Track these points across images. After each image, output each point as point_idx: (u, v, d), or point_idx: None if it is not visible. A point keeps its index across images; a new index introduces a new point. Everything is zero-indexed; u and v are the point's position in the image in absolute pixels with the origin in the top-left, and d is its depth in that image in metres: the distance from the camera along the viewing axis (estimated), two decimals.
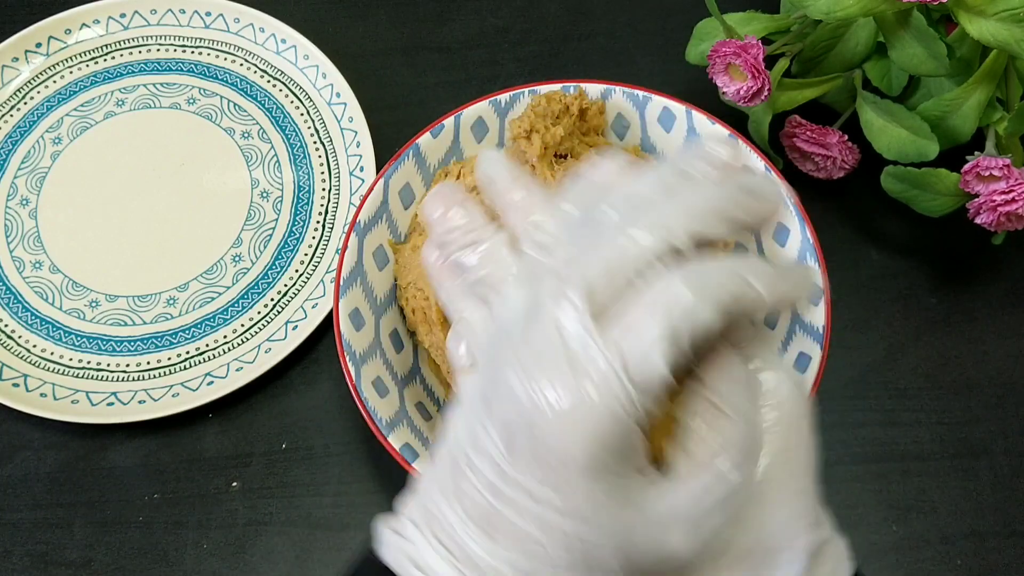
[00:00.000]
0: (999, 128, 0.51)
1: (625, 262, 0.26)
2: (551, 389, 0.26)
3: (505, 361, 0.27)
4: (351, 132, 0.60)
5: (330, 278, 0.56)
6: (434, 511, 0.29)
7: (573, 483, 0.26)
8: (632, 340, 0.25)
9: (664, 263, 0.26)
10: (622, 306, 0.26)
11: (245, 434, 0.53)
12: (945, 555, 0.50)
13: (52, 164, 0.61)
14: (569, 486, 0.26)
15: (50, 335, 0.56)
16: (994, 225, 0.50)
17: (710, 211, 0.27)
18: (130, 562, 0.50)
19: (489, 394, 0.27)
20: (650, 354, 0.25)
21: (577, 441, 0.25)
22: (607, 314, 0.26)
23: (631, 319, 0.26)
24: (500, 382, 0.27)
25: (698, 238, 0.27)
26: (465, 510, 0.28)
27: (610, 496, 0.26)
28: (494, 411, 0.27)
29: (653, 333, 0.25)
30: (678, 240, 0.26)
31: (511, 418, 0.26)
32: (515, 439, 0.26)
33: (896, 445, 0.52)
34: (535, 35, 0.66)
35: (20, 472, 0.53)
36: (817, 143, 0.55)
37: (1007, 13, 0.46)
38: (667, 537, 0.27)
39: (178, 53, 0.65)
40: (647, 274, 0.26)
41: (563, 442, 0.25)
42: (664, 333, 0.25)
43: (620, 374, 0.25)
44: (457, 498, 0.28)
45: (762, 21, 0.55)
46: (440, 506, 0.28)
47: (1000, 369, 0.54)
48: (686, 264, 0.26)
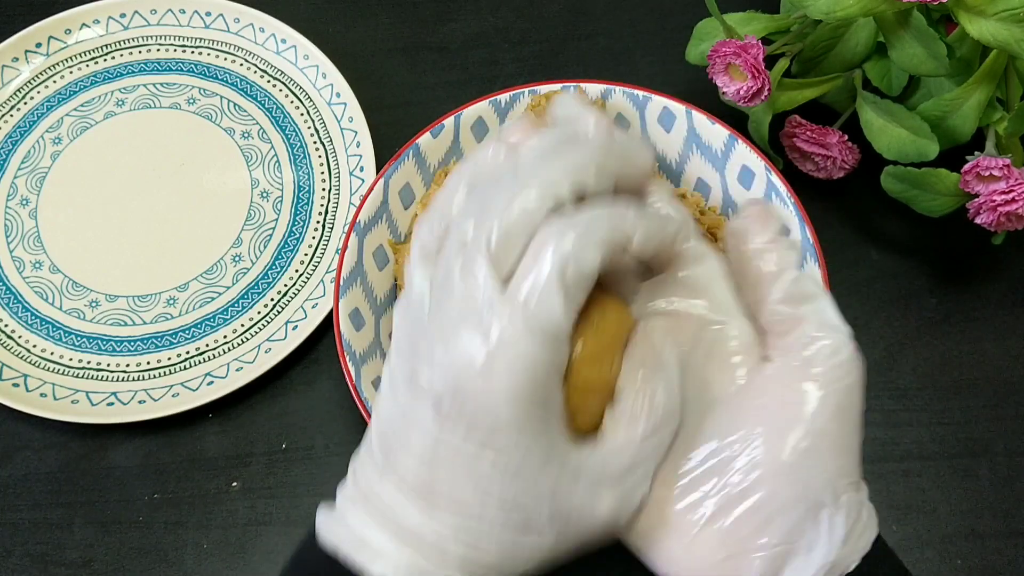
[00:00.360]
0: (999, 128, 0.51)
1: (520, 222, 0.28)
2: (467, 347, 0.27)
3: (423, 335, 0.29)
4: (351, 132, 0.60)
5: (330, 278, 0.56)
6: (371, 490, 0.30)
7: (502, 434, 0.27)
8: (528, 289, 0.27)
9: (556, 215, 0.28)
10: (521, 263, 0.28)
11: (245, 434, 0.53)
12: (945, 555, 0.50)
13: (52, 164, 0.61)
14: (498, 438, 0.28)
15: (50, 335, 0.56)
16: (994, 225, 0.50)
17: (587, 166, 0.29)
18: (130, 562, 0.50)
19: (414, 366, 0.29)
20: (545, 299, 0.27)
21: (497, 390, 0.27)
22: (512, 274, 0.28)
23: (525, 274, 0.27)
24: (419, 355, 0.29)
25: (579, 191, 0.29)
26: (403, 484, 0.29)
27: (539, 448, 0.28)
28: (421, 382, 0.29)
29: (543, 278, 0.27)
30: (557, 196, 0.28)
31: (436, 385, 0.28)
32: (442, 403, 0.28)
33: (896, 445, 0.52)
34: (535, 35, 0.66)
35: (20, 472, 0.53)
36: (817, 143, 0.55)
37: (1007, 13, 0.46)
38: (596, 499, 0.29)
39: (178, 53, 0.65)
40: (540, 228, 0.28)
41: (485, 397, 0.27)
42: (553, 276, 0.27)
43: (523, 323, 0.27)
44: (392, 476, 0.29)
45: (762, 21, 0.55)
46: (376, 484, 0.30)
47: (1000, 369, 0.54)
48: (566, 214, 0.28)
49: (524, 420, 0.27)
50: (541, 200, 0.28)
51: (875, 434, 0.53)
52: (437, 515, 0.29)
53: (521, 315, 0.27)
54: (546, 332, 0.27)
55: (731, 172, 0.51)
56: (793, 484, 0.29)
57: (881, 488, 0.52)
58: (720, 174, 0.51)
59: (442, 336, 0.28)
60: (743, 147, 0.50)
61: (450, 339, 0.28)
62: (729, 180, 0.51)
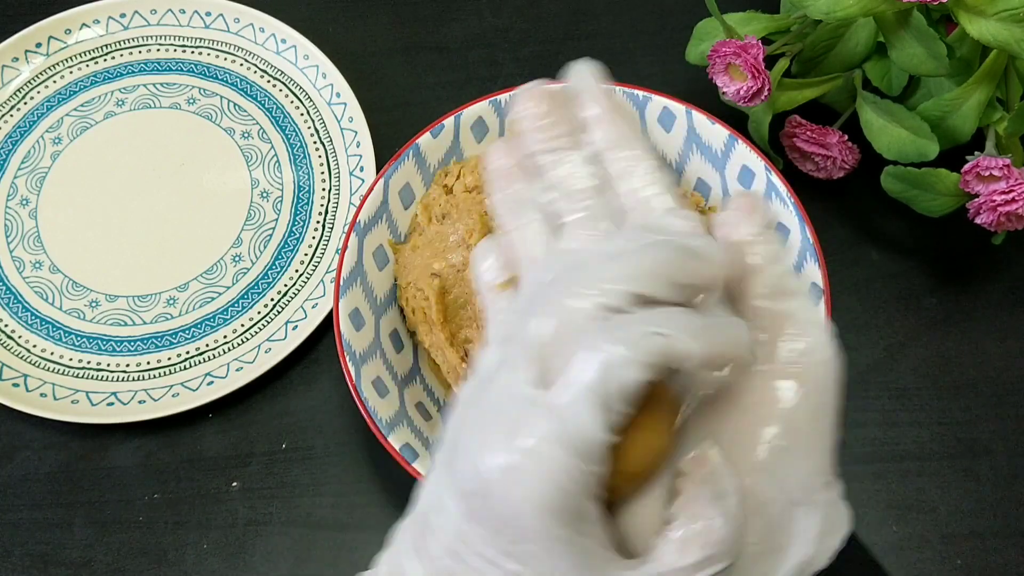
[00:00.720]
0: (999, 128, 0.51)
1: (566, 325, 0.26)
2: (498, 448, 0.25)
3: (465, 422, 0.27)
4: (351, 132, 0.60)
5: (330, 278, 0.56)
6: (403, 568, 0.29)
7: (529, 551, 0.26)
8: (565, 400, 0.25)
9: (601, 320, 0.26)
10: (563, 369, 0.26)
11: (245, 434, 0.53)
12: (945, 555, 0.50)
13: (52, 164, 0.61)
14: (528, 556, 0.26)
15: (50, 335, 0.56)
16: (994, 225, 0.50)
17: (648, 273, 0.27)
18: (130, 562, 0.50)
19: (451, 456, 0.28)
20: (581, 413, 0.25)
21: (524, 500, 0.25)
22: (551, 379, 0.26)
23: (564, 382, 0.26)
24: (459, 445, 0.27)
25: (639, 300, 0.26)
26: (430, 570, 0.28)
27: (568, 563, 0.26)
28: (455, 474, 0.27)
29: (581, 392, 0.25)
30: (615, 301, 0.26)
31: (468, 484, 0.26)
32: (472, 504, 0.27)
33: (896, 445, 0.52)
34: (535, 35, 0.66)
35: (20, 472, 0.53)
36: (817, 143, 0.55)
37: (1007, 13, 0.46)
38: None
39: (178, 53, 0.65)
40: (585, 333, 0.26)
41: (511, 505, 0.25)
42: (589, 395, 0.25)
43: (556, 436, 0.25)
44: (423, 556, 0.28)
45: (762, 21, 0.55)
46: (408, 564, 0.29)
47: (1000, 369, 0.54)
48: (616, 321, 0.26)
49: (552, 533, 0.26)
50: (596, 306, 0.26)
51: (875, 434, 0.53)
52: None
53: (555, 426, 0.25)
54: (579, 447, 0.25)
55: (731, 172, 0.51)
56: (769, 483, 0.29)
57: (881, 488, 0.52)
58: (720, 174, 0.51)
59: (477, 430, 0.26)
60: (743, 147, 0.50)
61: (484, 436, 0.26)
62: (729, 180, 0.51)
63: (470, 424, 0.27)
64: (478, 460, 0.26)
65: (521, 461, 0.25)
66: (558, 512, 0.25)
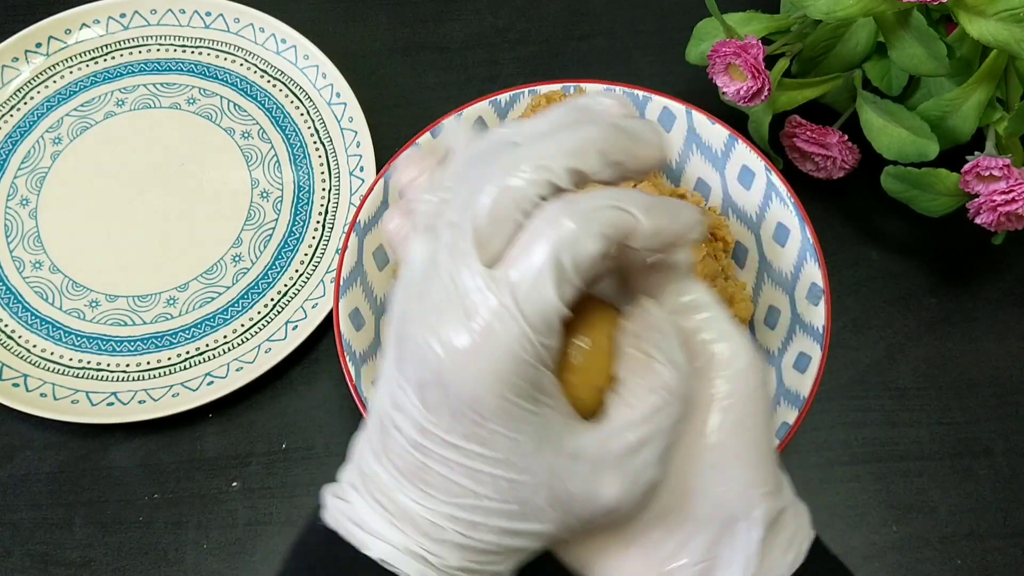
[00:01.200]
0: (999, 128, 0.51)
1: (508, 203, 0.26)
2: (449, 337, 0.26)
3: (409, 318, 0.27)
4: (351, 132, 0.60)
5: (330, 278, 0.56)
6: (368, 472, 0.29)
7: (491, 429, 0.26)
8: (519, 275, 0.26)
9: (546, 199, 0.26)
10: (512, 246, 0.26)
11: (245, 434, 0.53)
12: (945, 555, 0.50)
13: (52, 164, 0.61)
14: (488, 433, 0.26)
15: (50, 335, 0.56)
16: (994, 225, 0.50)
17: (588, 149, 0.27)
18: (130, 562, 0.50)
19: (400, 352, 0.28)
20: (538, 286, 0.25)
21: (481, 383, 0.26)
22: (499, 256, 0.26)
23: (516, 256, 0.26)
24: (407, 338, 0.27)
25: (577, 175, 0.27)
26: (396, 468, 0.28)
27: (532, 438, 0.27)
28: (406, 368, 0.27)
29: (538, 265, 0.25)
30: (556, 177, 0.26)
31: (421, 373, 0.27)
32: (427, 393, 0.27)
33: (896, 445, 0.52)
34: (535, 35, 0.66)
35: (20, 472, 0.53)
36: (817, 143, 0.55)
37: (1007, 13, 0.46)
38: (599, 482, 0.27)
39: (178, 53, 0.65)
40: (531, 212, 0.26)
41: (468, 386, 0.26)
42: (548, 263, 0.25)
43: (512, 310, 0.25)
44: (388, 458, 0.28)
45: (762, 21, 0.55)
46: (373, 467, 0.29)
47: (1000, 369, 0.54)
48: (568, 198, 0.26)
49: (510, 408, 0.26)
50: (533, 180, 0.26)
51: (875, 434, 0.53)
52: (431, 502, 0.28)
53: (509, 302, 0.25)
54: (534, 319, 0.25)
55: (731, 172, 0.51)
56: (703, 502, 0.29)
57: (881, 488, 0.52)
58: (720, 174, 0.51)
59: (425, 320, 0.27)
60: (743, 147, 0.50)
61: (434, 323, 0.26)
62: (729, 180, 0.51)
63: (417, 316, 0.27)
64: (432, 346, 0.26)
65: (476, 340, 0.25)
66: (515, 385, 0.26)
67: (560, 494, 0.27)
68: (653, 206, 0.27)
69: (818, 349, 0.45)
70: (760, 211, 0.50)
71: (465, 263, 0.26)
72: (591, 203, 0.26)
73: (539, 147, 0.27)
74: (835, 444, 0.53)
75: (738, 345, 0.30)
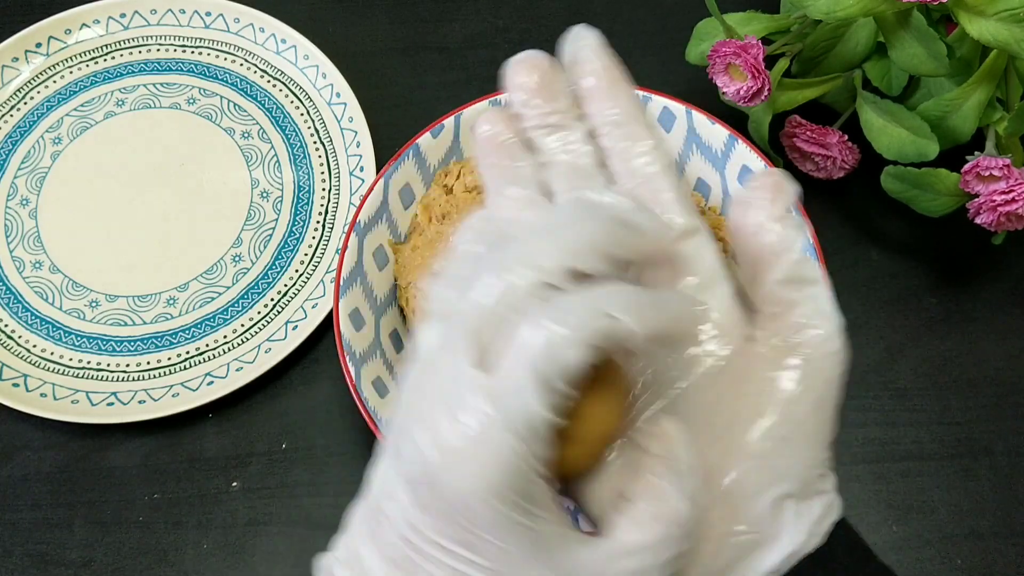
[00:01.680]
0: (999, 128, 0.51)
1: (501, 304, 0.26)
2: (441, 438, 0.25)
3: (408, 409, 0.27)
4: (351, 132, 0.60)
5: (330, 278, 0.56)
6: (359, 553, 0.28)
7: (480, 537, 0.25)
8: (503, 384, 0.25)
9: (539, 298, 0.26)
10: (503, 348, 0.25)
11: (245, 434, 0.53)
12: (945, 555, 0.50)
13: (52, 164, 0.61)
14: (477, 540, 0.26)
15: (50, 335, 0.56)
16: (994, 225, 0.50)
17: (581, 247, 0.26)
18: (130, 562, 0.50)
19: (397, 444, 0.27)
20: (522, 396, 0.24)
21: (471, 490, 0.25)
22: (495, 354, 0.25)
23: (504, 364, 0.25)
24: (404, 431, 0.26)
25: (574, 274, 0.26)
26: (386, 557, 0.27)
27: (523, 550, 0.26)
28: (401, 462, 0.27)
29: (521, 374, 0.24)
30: (551, 277, 0.26)
31: (413, 470, 0.26)
32: (419, 492, 0.26)
33: (896, 445, 0.52)
34: (535, 35, 0.66)
35: (20, 472, 0.53)
36: (817, 143, 0.55)
37: (1007, 13, 0.46)
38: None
39: (178, 53, 0.65)
40: (524, 312, 0.25)
41: (458, 493, 0.25)
42: (531, 373, 0.24)
43: (497, 419, 0.24)
44: (378, 543, 0.28)
45: (762, 21, 0.55)
46: (363, 550, 0.28)
47: (1000, 369, 0.54)
48: (554, 300, 0.25)
49: (501, 518, 0.25)
50: (530, 283, 0.25)
51: (875, 434, 0.53)
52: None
53: (497, 409, 0.24)
54: (522, 429, 0.24)
55: (731, 172, 0.51)
56: (761, 472, 0.29)
57: (881, 488, 0.52)
58: (720, 174, 0.51)
59: (420, 416, 0.26)
60: (743, 147, 0.50)
61: (427, 420, 0.25)
62: (729, 180, 0.51)
63: (414, 409, 0.26)
64: (422, 447, 0.25)
65: (464, 446, 0.25)
66: (505, 496, 0.25)
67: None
68: (645, 307, 0.26)
69: None
70: None
71: (458, 362, 0.25)
72: (580, 307, 0.25)
73: (537, 244, 0.26)
74: (835, 444, 0.52)
75: (834, 329, 0.30)
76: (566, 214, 0.27)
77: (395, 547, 0.27)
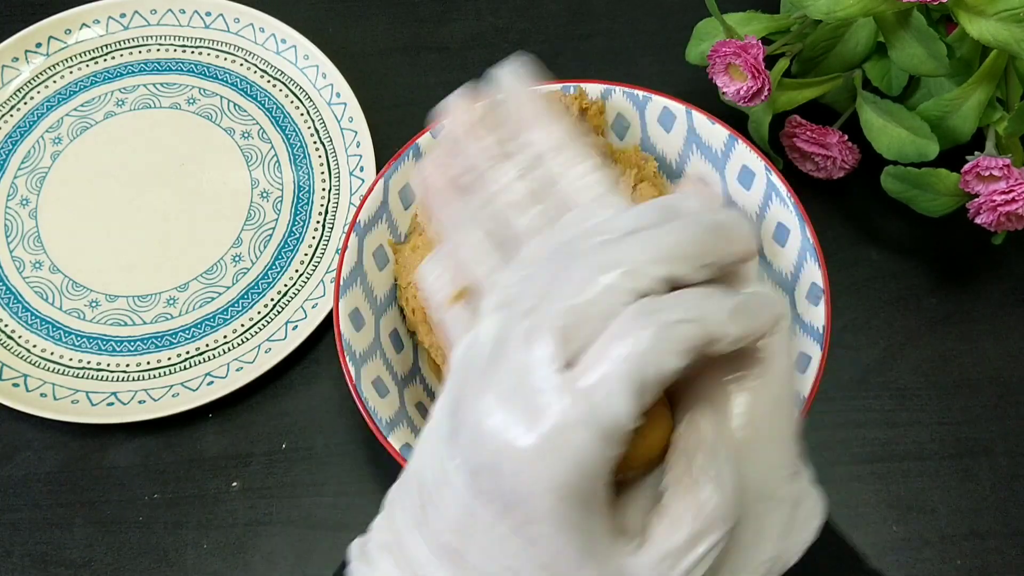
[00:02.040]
0: (999, 128, 0.51)
1: (596, 304, 0.26)
2: (514, 432, 0.25)
3: (471, 396, 0.26)
4: (351, 132, 0.60)
5: (330, 278, 0.56)
6: (402, 540, 0.28)
7: (539, 531, 0.26)
8: (596, 384, 0.25)
9: (637, 303, 0.26)
10: (591, 349, 0.25)
11: (245, 434, 0.53)
12: (945, 555, 0.50)
13: (52, 164, 0.61)
14: (535, 533, 0.26)
15: (50, 335, 0.56)
16: (994, 225, 0.50)
17: (681, 255, 0.26)
18: (130, 562, 0.50)
19: (456, 424, 0.27)
20: (614, 398, 0.24)
21: (540, 484, 0.25)
22: (577, 358, 0.25)
23: (595, 365, 0.25)
24: (467, 413, 0.26)
25: (670, 282, 0.26)
26: (432, 544, 0.27)
27: (577, 549, 0.26)
28: (461, 445, 0.26)
29: (617, 376, 0.25)
30: (649, 282, 0.26)
31: (478, 458, 0.26)
32: (482, 480, 0.26)
33: (896, 445, 0.52)
34: (535, 35, 0.66)
35: (20, 472, 0.53)
36: (817, 143, 0.55)
37: (1007, 13, 0.46)
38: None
39: (178, 53, 0.65)
40: (616, 315, 0.25)
41: (526, 485, 0.25)
42: (627, 376, 0.25)
43: (584, 419, 0.25)
44: (425, 530, 0.28)
45: (762, 21, 0.55)
46: (407, 536, 0.28)
47: (1000, 369, 0.54)
48: (651, 306, 0.25)
49: (564, 515, 0.25)
50: (627, 288, 0.25)
51: (875, 434, 0.53)
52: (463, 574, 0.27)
53: (582, 408, 0.25)
54: (606, 432, 0.25)
55: (731, 172, 0.51)
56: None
57: (881, 488, 0.52)
58: (720, 174, 0.51)
59: (488, 405, 0.26)
60: (743, 147, 0.50)
61: (497, 411, 0.25)
62: (729, 180, 0.51)
63: (479, 397, 0.26)
64: (493, 438, 0.25)
65: (542, 443, 0.25)
66: (574, 495, 0.25)
67: None
68: (739, 311, 0.26)
69: (818, 349, 0.45)
70: (760, 211, 0.50)
71: (541, 358, 0.25)
72: (677, 315, 0.25)
73: (632, 249, 0.26)
74: (835, 444, 0.53)
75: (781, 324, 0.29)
76: (650, 217, 0.27)
77: (443, 537, 0.27)
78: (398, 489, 0.30)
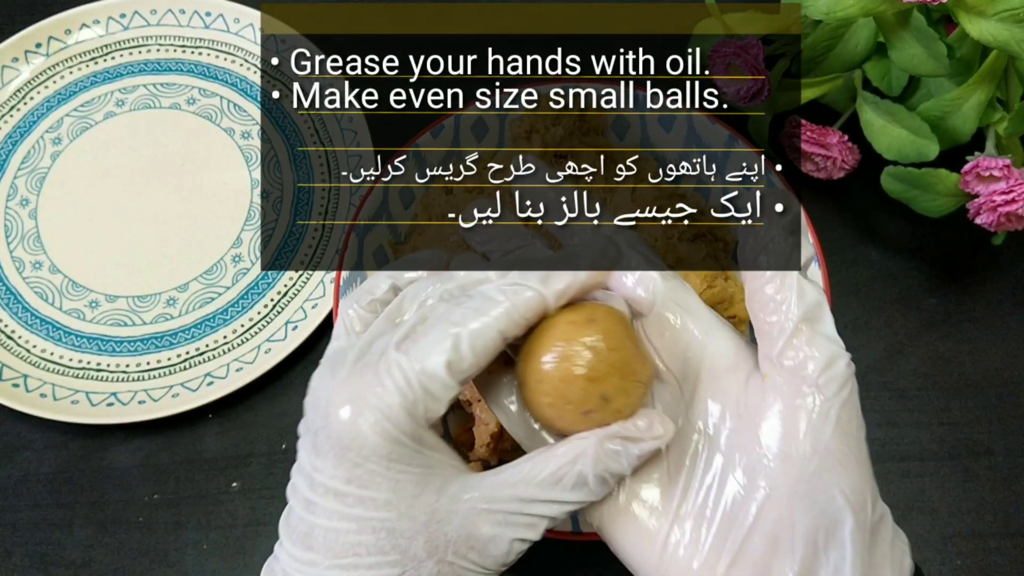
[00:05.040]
0: (999, 128, 0.51)
1: (419, 313, 0.31)
2: (340, 384, 0.30)
3: (321, 382, 0.31)
4: (351, 132, 0.60)
5: (330, 278, 0.56)
6: (277, 553, 0.32)
7: (370, 470, 0.29)
8: (420, 350, 0.30)
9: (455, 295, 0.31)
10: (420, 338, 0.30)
11: (245, 434, 0.53)
12: (945, 555, 0.50)
13: (52, 164, 0.61)
14: (367, 474, 0.29)
15: (50, 335, 0.56)
16: (994, 225, 0.50)
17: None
18: (130, 562, 0.50)
19: (306, 420, 0.31)
20: (430, 361, 0.29)
21: (369, 428, 0.29)
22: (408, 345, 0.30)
23: (422, 336, 0.30)
24: (311, 397, 0.31)
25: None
26: (293, 533, 0.31)
27: (413, 480, 0.29)
28: (307, 426, 0.31)
29: (434, 345, 0.30)
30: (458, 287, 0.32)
31: (314, 421, 0.30)
32: (318, 439, 0.30)
33: (896, 445, 0.52)
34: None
35: (20, 472, 0.53)
36: (817, 143, 0.55)
37: (1007, 13, 0.46)
38: (476, 525, 0.29)
39: (178, 53, 0.65)
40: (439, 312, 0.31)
41: (357, 431, 0.29)
42: (445, 340, 0.29)
43: (409, 376, 0.29)
44: (286, 528, 0.31)
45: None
46: (282, 539, 0.32)
47: (1000, 369, 0.54)
48: (460, 301, 0.31)
49: (391, 449, 0.29)
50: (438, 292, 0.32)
51: (875, 434, 0.53)
52: (314, 556, 0.30)
53: (408, 371, 0.29)
54: (429, 389, 0.29)
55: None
56: (808, 508, 0.29)
57: (881, 488, 0.51)
58: (720, 174, 0.51)
59: (332, 382, 0.30)
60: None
61: (331, 377, 0.31)
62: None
63: (328, 378, 0.31)
64: (327, 398, 0.30)
65: (370, 392, 0.29)
66: (397, 434, 0.29)
67: (437, 540, 0.29)
68: (549, 278, 0.31)
69: None
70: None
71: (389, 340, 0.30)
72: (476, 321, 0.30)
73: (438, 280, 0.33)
74: None
75: (837, 351, 0.30)
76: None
77: (296, 524, 0.30)
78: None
